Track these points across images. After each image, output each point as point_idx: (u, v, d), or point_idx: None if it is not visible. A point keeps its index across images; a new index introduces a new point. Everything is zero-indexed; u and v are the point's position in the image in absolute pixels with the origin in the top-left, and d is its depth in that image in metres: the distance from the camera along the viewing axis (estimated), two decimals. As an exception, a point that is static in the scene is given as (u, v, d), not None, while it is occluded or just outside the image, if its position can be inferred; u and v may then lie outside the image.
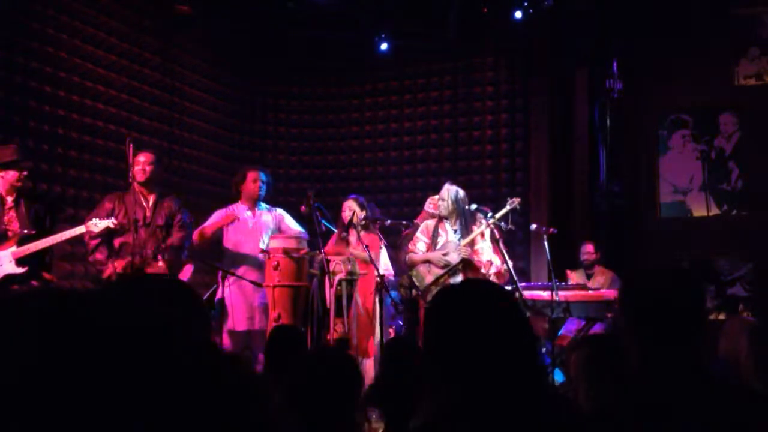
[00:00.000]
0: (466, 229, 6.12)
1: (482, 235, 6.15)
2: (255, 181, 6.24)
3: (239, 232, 6.16)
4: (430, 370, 1.55)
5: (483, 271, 6.09)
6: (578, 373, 2.61)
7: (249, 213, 6.24)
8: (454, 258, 6.03)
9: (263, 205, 6.35)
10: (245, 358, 5.42)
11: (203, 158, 8.21)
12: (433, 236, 6.17)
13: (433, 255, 6.08)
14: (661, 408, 1.71)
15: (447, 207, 6.15)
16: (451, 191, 6.17)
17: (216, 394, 0.49)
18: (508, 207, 6.21)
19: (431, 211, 6.53)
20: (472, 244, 6.10)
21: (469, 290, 1.65)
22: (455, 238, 6.11)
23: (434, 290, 5.96)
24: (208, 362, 0.52)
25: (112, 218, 5.27)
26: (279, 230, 6.24)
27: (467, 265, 6.05)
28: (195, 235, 5.95)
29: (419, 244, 6.19)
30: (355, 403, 2.28)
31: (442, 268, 6.05)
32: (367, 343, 5.98)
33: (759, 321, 3.32)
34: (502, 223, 6.23)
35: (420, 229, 6.29)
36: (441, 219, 6.22)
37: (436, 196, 6.49)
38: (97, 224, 5.18)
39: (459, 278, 5.97)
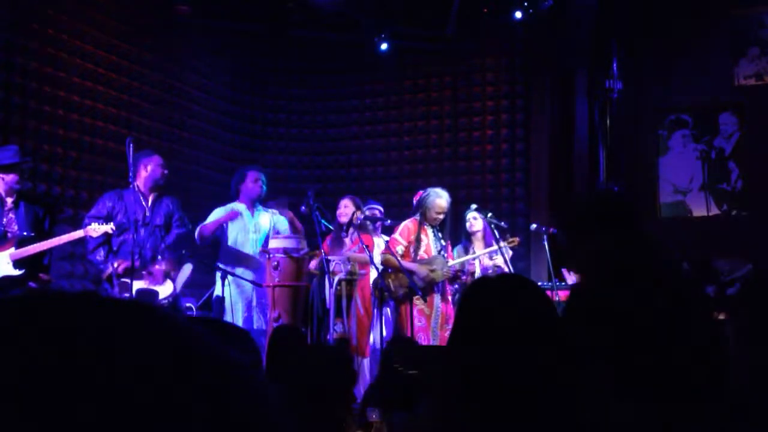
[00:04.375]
0: (441, 233, 6.13)
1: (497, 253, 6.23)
2: (256, 181, 6.24)
3: (239, 231, 6.16)
4: (451, 361, 1.52)
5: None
6: None
7: (248, 213, 6.24)
8: (438, 276, 5.94)
9: (260, 205, 6.34)
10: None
11: (203, 158, 8.20)
12: (416, 240, 6.00)
13: (419, 269, 5.88)
14: None
15: (443, 214, 6.09)
16: (449, 199, 6.13)
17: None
18: (507, 250, 6.33)
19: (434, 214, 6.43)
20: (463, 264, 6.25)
21: (510, 283, 1.63)
22: (436, 245, 6.06)
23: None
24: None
25: (111, 224, 5.24)
26: (277, 231, 6.25)
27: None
28: (196, 233, 5.96)
29: (398, 247, 5.97)
30: (346, 401, 2.27)
31: (427, 283, 5.91)
32: (366, 343, 5.98)
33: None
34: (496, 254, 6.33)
35: (399, 230, 6.08)
36: (422, 223, 6.07)
37: (428, 194, 6.47)
38: (96, 229, 5.17)
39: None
